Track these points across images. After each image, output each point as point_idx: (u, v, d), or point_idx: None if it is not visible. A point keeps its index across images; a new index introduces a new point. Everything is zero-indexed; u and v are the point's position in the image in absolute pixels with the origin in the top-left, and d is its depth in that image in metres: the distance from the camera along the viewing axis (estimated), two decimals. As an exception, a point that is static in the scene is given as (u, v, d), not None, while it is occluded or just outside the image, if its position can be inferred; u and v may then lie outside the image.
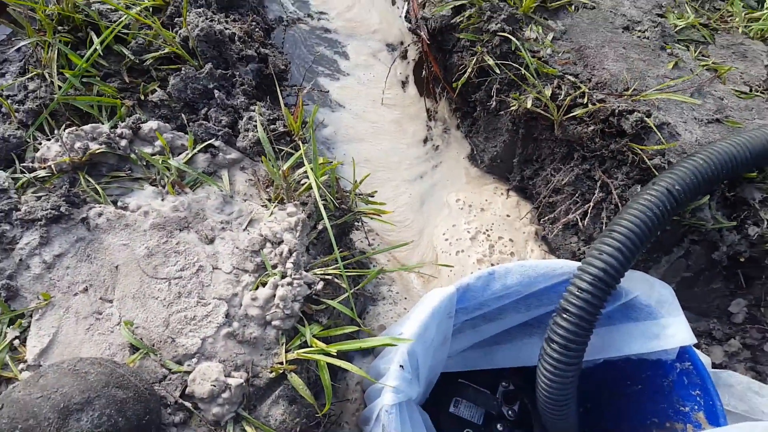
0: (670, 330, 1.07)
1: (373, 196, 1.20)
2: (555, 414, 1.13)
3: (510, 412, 1.34)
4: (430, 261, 1.42)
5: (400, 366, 0.98)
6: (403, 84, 1.82)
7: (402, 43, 1.87)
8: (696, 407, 1.06)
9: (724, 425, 1.00)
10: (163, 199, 1.09)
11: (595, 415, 1.36)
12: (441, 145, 1.70)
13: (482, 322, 1.24)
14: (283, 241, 1.07)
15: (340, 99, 1.71)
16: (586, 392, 1.26)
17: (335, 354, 0.99)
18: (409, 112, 1.75)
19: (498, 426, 1.31)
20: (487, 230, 1.49)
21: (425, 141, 1.71)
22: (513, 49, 1.38)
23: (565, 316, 1.03)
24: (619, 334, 1.14)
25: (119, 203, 1.08)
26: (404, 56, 1.87)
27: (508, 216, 1.54)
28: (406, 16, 1.75)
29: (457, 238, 1.47)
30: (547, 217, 1.43)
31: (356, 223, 1.22)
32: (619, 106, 1.24)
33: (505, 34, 1.38)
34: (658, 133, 1.23)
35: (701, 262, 1.30)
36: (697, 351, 1.08)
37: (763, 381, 1.23)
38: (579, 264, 1.06)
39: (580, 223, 1.32)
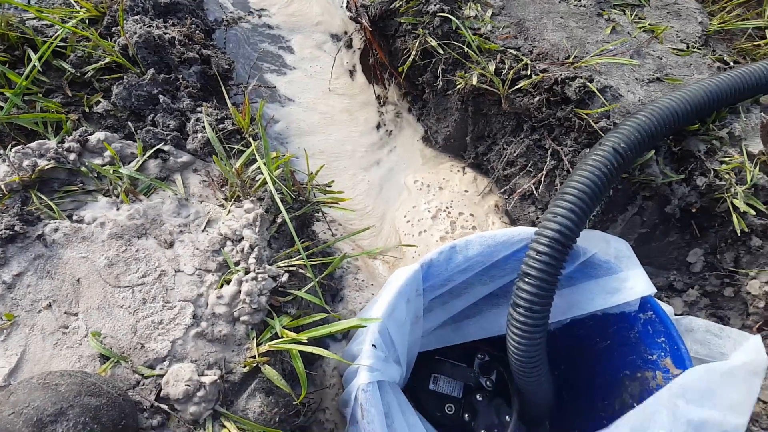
0: (630, 282, 1.13)
1: (330, 186, 1.23)
2: (528, 377, 1.18)
3: (488, 383, 1.40)
4: (393, 245, 1.47)
5: (372, 345, 1.02)
6: (351, 73, 1.86)
7: (346, 33, 1.91)
8: (663, 354, 1.12)
9: (691, 368, 1.06)
10: (118, 209, 1.11)
11: (570, 376, 1.42)
12: (394, 130, 1.75)
13: (450, 298, 1.29)
14: (243, 238, 1.10)
15: (289, 93, 1.74)
16: (557, 354, 1.33)
17: (306, 341, 1.02)
18: (359, 100, 1.79)
19: (477, 397, 1.37)
20: (447, 208, 1.55)
21: (378, 127, 1.75)
22: (454, 28, 1.43)
23: (527, 280, 1.08)
24: (581, 292, 1.20)
25: (74, 217, 1.09)
26: (350, 45, 1.91)
27: (466, 192, 1.59)
28: (347, 6, 1.79)
29: (419, 218, 1.52)
30: (504, 189, 1.49)
31: (316, 214, 1.26)
32: (561, 75, 1.30)
33: (445, 14, 1.43)
34: (601, 97, 1.29)
35: (655, 217, 1.38)
36: (660, 302, 1.15)
37: (725, 325, 1.31)
38: (536, 229, 1.12)
39: (535, 192, 1.38)
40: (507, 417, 1.34)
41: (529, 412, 1.36)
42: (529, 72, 1.34)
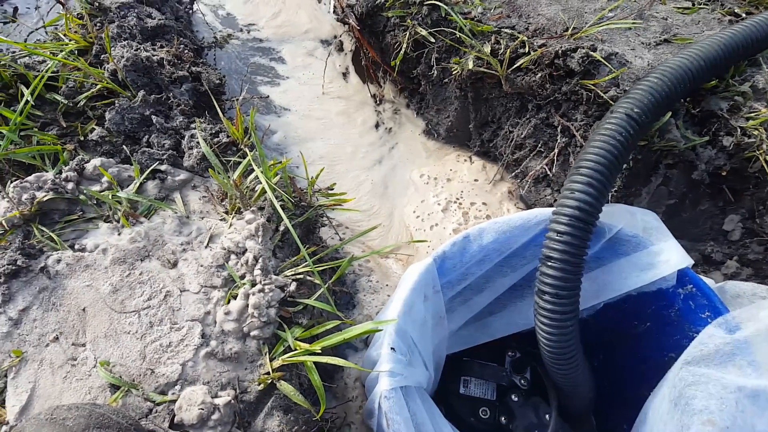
0: (663, 256, 1.07)
1: (332, 189, 1.20)
2: (564, 369, 1.12)
3: (522, 381, 1.33)
4: (404, 242, 1.43)
5: (391, 348, 0.97)
6: (345, 75, 1.84)
7: (335, 37, 1.90)
8: (712, 325, 1.03)
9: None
10: (119, 234, 1.10)
11: (610, 366, 1.35)
12: (394, 127, 1.72)
13: (471, 294, 1.24)
14: (246, 250, 1.07)
15: (284, 103, 1.73)
16: (593, 344, 1.26)
17: (320, 352, 0.98)
18: (355, 102, 1.78)
19: (513, 397, 1.30)
20: (457, 199, 1.50)
21: (377, 126, 1.73)
22: (444, 15, 1.40)
23: (550, 264, 1.02)
24: (611, 273, 1.14)
25: (76, 246, 1.09)
26: (340, 48, 1.90)
27: (476, 181, 1.54)
28: (333, 10, 1.78)
29: (429, 212, 1.48)
30: (515, 174, 1.43)
31: (321, 219, 1.23)
32: (562, 47, 1.25)
33: (433, 2, 1.40)
34: (608, 65, 1.24)
35: (683, 186, 1.30)
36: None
37: (773, 293, 1.22)
38: (553, 209, 1.06)
39: (549, 173, 1.32)
40: (547, 416, 1.27)
41: (569, 408, 1.29)
42: (527, 49, 1.29)
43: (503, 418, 1.29)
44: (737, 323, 0.97)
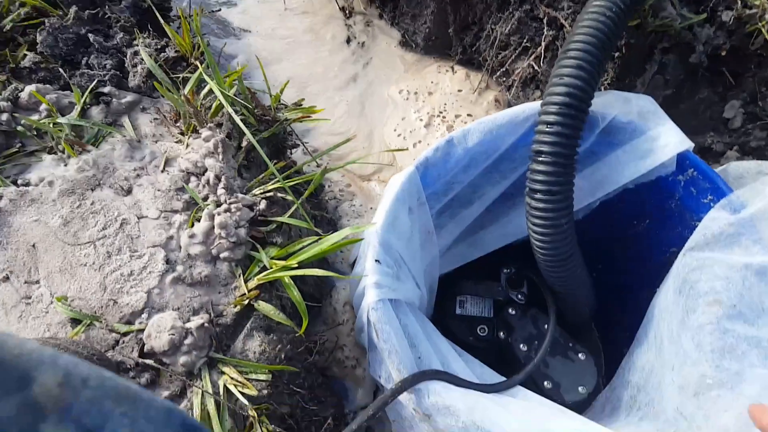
0: (661, 140, 1.00)
1: (301, 104, 1.10)
2: (561, 272, 1.06)
3: (519, 296, 1.28)
4: (387, 162, 1.34)
5: (376, 260, 0.90)
6: (308, -11, 1.70)
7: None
8: (714, 211, 0.97)
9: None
10: (65, 165, 1.01)
11: (610, 275, 1.29)
12: (367, 41, 1.61)
13: (460, 207, 1.17)
14: (207, 169, 0.99)
15: (244, 24, 1.61)
16: (592, 252, 1.20)
17: (297, 265, 0.91)
18: (322, 17, 1.66)
19: (510, 311, 1.25)
20: (440, 112, 1.41)
21: (348, 41, 1.61)
22: None
23: (540, 159, 0.95)
24: (607, 166, 1.07)
25: (19, 181, 1.00)
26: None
27: (460, 91, 1.45)
28: None
29: (411, 129, 1.39)
30: (502, 78, 1.33)
31: (290, 137, 1.13)
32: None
33: None
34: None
35: (680, 73, 1.22)
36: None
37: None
38: (542, 100, 0.97)
39: (537, 70, 1.22)
40: (546, 325, 1.22)
41: (569, 318, 1.24)
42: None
43: (501, 333, 1.25)
44: (741, 202, 0.91)
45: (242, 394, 0.86)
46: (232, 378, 0.88)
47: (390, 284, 0.90)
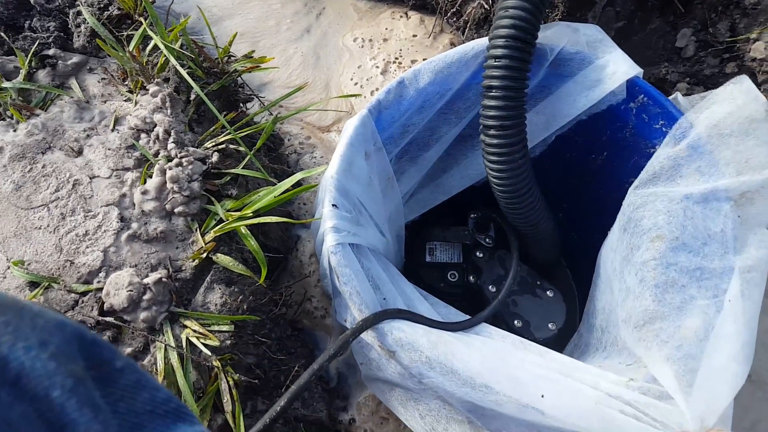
0: (610, 68, 0.99)
1: (251, 56, 1.09)
2: (521, 210, 1.07)
3: (487, 240, 1.29)
4: (345, 111, 1.33)
5: (333, 205, 0.90)
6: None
7: None
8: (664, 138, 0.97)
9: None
10: (15, 130, 1.00)
11: (575, 214, 1.30)
12: (319, -10, 1.57)
13: (418, 150, 1.17)
14: (156, 124, 0.97)
15: (192, -19, 1.56)
16: (556, 191, 1.21)
17: (252, 215, 0.91)
18: (272, -31, 1.60)
19: (478, 254, 1.26)
20: (396, 59, 1.39)
21: (299, -8, 1.57)
22: None
23: (491, 94, 0.94)
24: (559, 100, 1.07)
25: (-33, 150, 0.98)
26: None
27: (414, 36, 1.43)
28: None
29: (367, 77, 1.37)
30: (454, 20, 1.32)
31: (241, 90, 1.12)
32: None
33: None
34: None
35: (630, 3, 1.21)
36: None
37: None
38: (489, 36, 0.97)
39: (489, 10, 1.21)
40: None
41: (536, 255, 1.25)
42: None
43: (471, 277, 1.26)
44: (684, 129, 0.90)
45: (205, 345, 0.86)
46: (194, 331, 0.88)
47: (349, 228, 0.90)
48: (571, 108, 1.04)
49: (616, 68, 0.98)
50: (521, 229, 1.15)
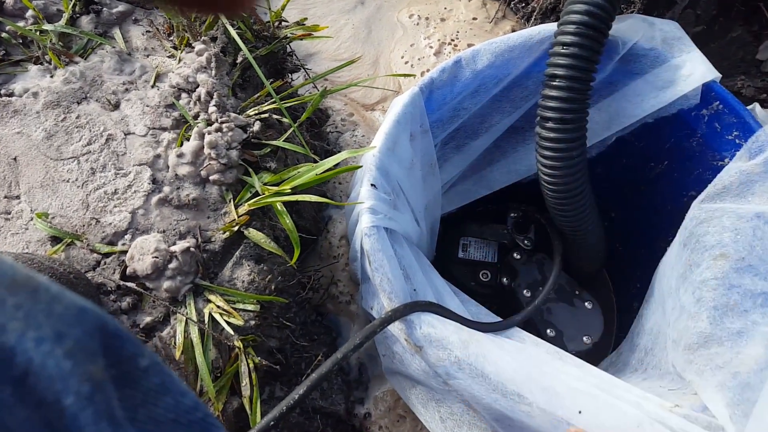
0: (686, 69, 0.91)
1: (303, 23, 1.03)
2: (570, 211, 0.99)
3: (526, 242, 1.21)
4: (394, 90, 1.26)
5: (372, 185, 0.84)
6: None
7: None
8: (737, 151, 0.89)
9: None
10: (52, 76, 0.95)
11: (624, 224, 1.22)
12: (378, -40, 1.49)
13: (466, 138, 1.10)
14: (198, 85, 0.92)
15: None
16: (607, 197, 1.13)
17: (290, 191, 0.85)
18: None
19: (515, 255, 1.19)
20: (452, 40, 1.32)
21: (357, -39, 1.50)
22: None
23: (554, 83, 0.87)
24: (625, 98, 0.99)
25: (3, 91, 0.95)
26: None
27: (474, 20, 1.35)
28: None
29: (419, 57, 1.30)
30: (520, 5, 1.24)
31: (289, 59, 1.06)
32: None
33: None
34: None
35: (713, 7, 1.12)
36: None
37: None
38: (559, 21, 0.89)
39: (561, 1, 1.13)
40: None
41: (577, 263, 1.18)
42: None
43: (505, 279, 1.19)
44: (762, 143, 0.82)
45: (228, 324, 0.81)
46: (218, 306, 0.83)
47: (386, 212, 0.84)
48: (637, 108, 0.96)
49: (692, 70, 0.90)
50: (567, 232, 1.07)
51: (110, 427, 0.31)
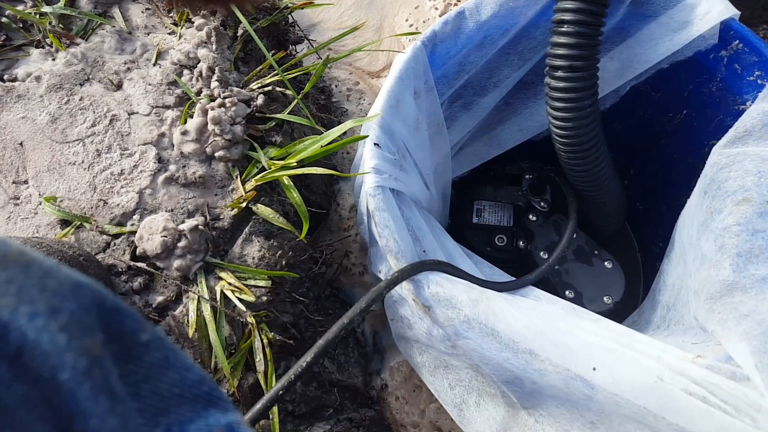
0: (702, 7, 0.86)
1: (302, -8, 0.99)
2: (584, 168, 0.95)
3: (542, 204, 1.17)
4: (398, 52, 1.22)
5: (375, 144, 0.80)
6: None
7: None
8: (759, 92, 0.83)
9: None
10: (53, 58, 0.94)
11: (643, 180, 1.17)
12: None
13: (474, 95, 1.05)
14: (199, 60, 0.89)
15: None
16: (624, 153, 1.09)
17: (296, 164, 0.83)
18: None
19: (531, 217, 1.15)
20: (458, 1, 1.27)
21: None
22: None
23: (562, 29, 0.82)
24: (638, 43, 0.93)
25: (5, 77, 0.94)
26: None
27: (479, -23, 1.30)
28: None
29: (424, 19, 1.26)
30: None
31: (291, 30, 1.03)
32: None
33: None
34: None
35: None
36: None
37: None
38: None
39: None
40: (569, 230, 1.12)
41: (596, 222, 1.14)
42: None
43: (521, 242, 1.16)
44: None
45: (240, 300, 0.80)
46: (229, 284, 0.82)
47: (391, 171, 0.80)
48: (651, 53, 0.91)
49: (709, 8, 0.85)
50: (583, 189, 1.03)
51: (109, 401, 0.30)
